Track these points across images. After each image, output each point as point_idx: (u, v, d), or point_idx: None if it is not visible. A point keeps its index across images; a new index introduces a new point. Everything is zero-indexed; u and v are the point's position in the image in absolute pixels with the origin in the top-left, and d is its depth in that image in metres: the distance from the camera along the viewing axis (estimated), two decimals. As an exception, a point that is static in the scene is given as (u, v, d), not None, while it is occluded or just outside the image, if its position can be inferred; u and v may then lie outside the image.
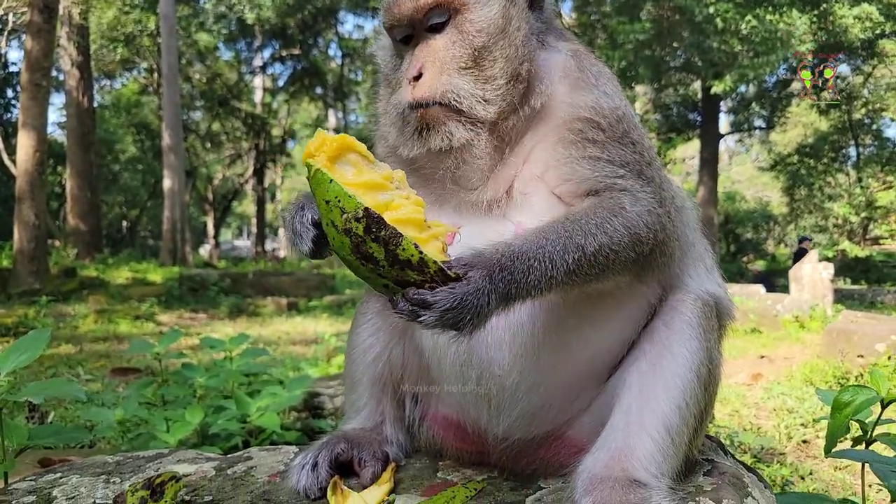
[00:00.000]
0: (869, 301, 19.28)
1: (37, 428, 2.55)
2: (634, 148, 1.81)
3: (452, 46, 1.81)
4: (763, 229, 40.59)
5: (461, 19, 1.82)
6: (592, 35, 25.37)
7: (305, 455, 1.90)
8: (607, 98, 1.84)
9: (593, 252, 1.59)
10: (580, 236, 1.59)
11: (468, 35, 1.81)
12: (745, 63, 20.79)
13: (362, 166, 1.51)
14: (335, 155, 1.48)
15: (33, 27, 15.69)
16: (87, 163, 24.53)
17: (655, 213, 1.72)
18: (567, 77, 1.88)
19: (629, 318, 1.83)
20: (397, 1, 1.86)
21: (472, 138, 1.80)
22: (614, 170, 1.76)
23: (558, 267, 1.54)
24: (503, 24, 1.83)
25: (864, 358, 7.80)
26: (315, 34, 36.79)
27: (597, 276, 1.63)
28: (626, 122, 1.83)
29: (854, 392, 2.14)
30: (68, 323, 12.43)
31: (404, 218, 1.42)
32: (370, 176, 1.49)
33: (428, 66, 1.80)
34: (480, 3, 1.83)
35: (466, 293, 1.40)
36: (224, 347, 4.65)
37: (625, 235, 1.64)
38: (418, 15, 1.83)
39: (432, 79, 1.79)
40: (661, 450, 1.64)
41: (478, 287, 1.42)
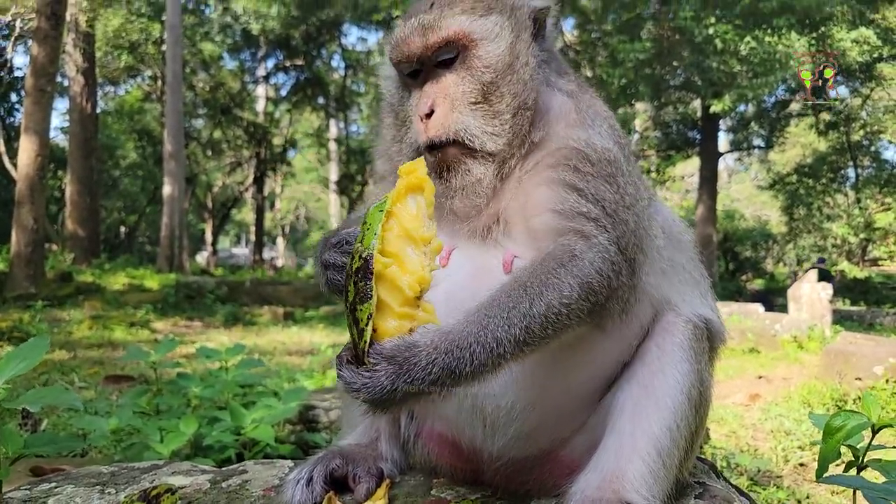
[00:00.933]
0: (868, 323, 19.29)
1: (32, 436, 2.54)
2: (616, 189, 1.78)
3: (462, 82, 1.85)
4: (762, 248, 40.63)
5: (469, 55, 1.86)
6: (593, 53, 25.59)
7: (300, 470, 1.91)
8: (601, 138, 1.86)
9: (542, 314, 1.56)
10: (525, 302, 1.56)
11: (477, 71, 1.85)
12: (744, 83, 20.97)
13: (420, 213, 1.58)
14: (413, 187, 1.59)
15: (40, 33, 15.80)
16: (88, 168, 24.58)
17: (610, 260, 1.67)
18: (564, 117, 1.92)
19: (622, 340, 1.84)
20: (406, 39, 1.89)
21: (485, 172, 1.85)
22: (582, 204, 1.73)
23: (504, 344, 1.53)
24: (511, 59, 1.87)
25: (862, 381, 7.80)
26: (319, 45, 37.02)
27: (552, 335, 1.61)
28: (615, 166, 1.82)
29: (845, 417, 2.14)
30: (63, 328, 12.41)
31: (397, 284, 1.49)
32: (415, 226, 1.56)
33: (439, 102, 1.85)
34: (488, 40, 1.86)
35: (364, 385, 1.47)
36: (220, 357, 4.65)
37: (574, 287, 1.60)
38: (427, 52, 1.87)
39: (444, 116, 1.84)
40: (651, 472, 1.66)
41: (378, 384, 1.46)
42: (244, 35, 34.94)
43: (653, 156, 32.11)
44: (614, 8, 24.84)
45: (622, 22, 24.39)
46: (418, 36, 1.86)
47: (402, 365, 1.47)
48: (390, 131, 2.07)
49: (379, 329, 1.48)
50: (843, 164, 31.47)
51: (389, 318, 1.49)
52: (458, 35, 1.84)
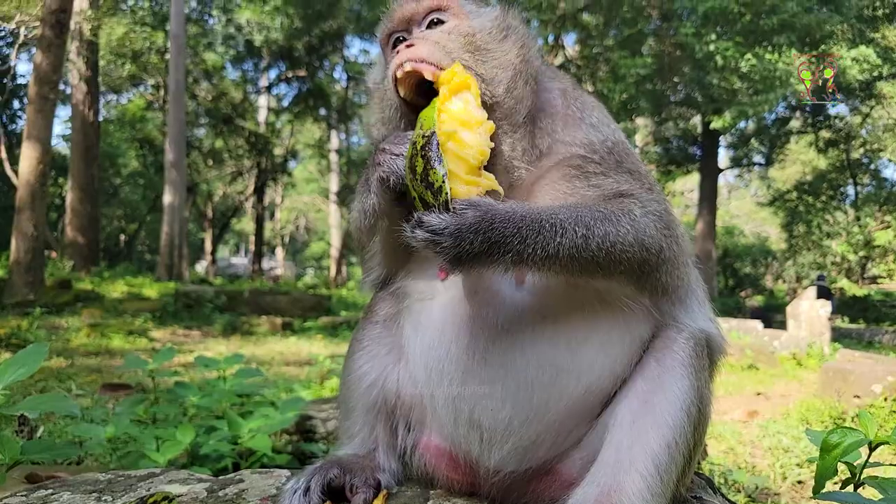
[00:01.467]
0: (867, 340, 19.24)
1: (28, 443, 2.53)
2: (631, 175, 1.87)
3: (448, 36, 1.88)
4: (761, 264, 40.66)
5: (459, 20, 1.93)
6: (595, 68, 25.73)
7: (298, 479, 1.91)
8: (595, 131, 1.92)
9: (600, 235, 1.63)
10: (589, 218, 1.64)
11: (465, 30, 1.89)
12: (745, 100, 21.09)
13: (469, 105, 1.70)
14: (456, 89, 1.71)
15: (44, 41, 15.89)
16: (89, 176, 24.63)
17: (661, 230, 1.75)
18: (557, 115, 1.95)
19: (621, 354, 1.84)
20: (399, 4, 1.97)
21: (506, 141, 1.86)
22: (623, 182, 1.83)
23: (567, 235, 1.59)
24: (504, 26, 1.93)
25: (860, 398, 7.79)
26: (321, 57, 37.23)
27: (602, 266, 1.66)
28: (618, 152, 1.90)
29: (842, 434, 2.14)
30: (61, 336, 12.37)
31: (461, 155, 1.61)
32: (466, 114, 1.67)
33: (419, 42, 1.85)
34: (480, 14, 1.96)
35: (454, 224, 1.52)
36: (218, 367, 4.64)
37: (629, 233, 1.67)
38: (418, 15, 1.93)
39: (426, 46, 1.83)
40: (649, 487, 1.65)
41: (468, 223, 1.52)
42: (247, 46, 35.14)
43: (653, 171, 32.19)
44: (616, 23, 25.03)
45: (623, 37, 24.57)
46: (412, 0, 1.95)
47: (487, 211, 1.54)
48: (376, 114, 2.07)
49: (451, 191, 1.56)
50: (843, 181, 31.60)
51: (458, 183, 1.59)
52: (452, 2, 1.94)
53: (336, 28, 33.90)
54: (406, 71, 1.78)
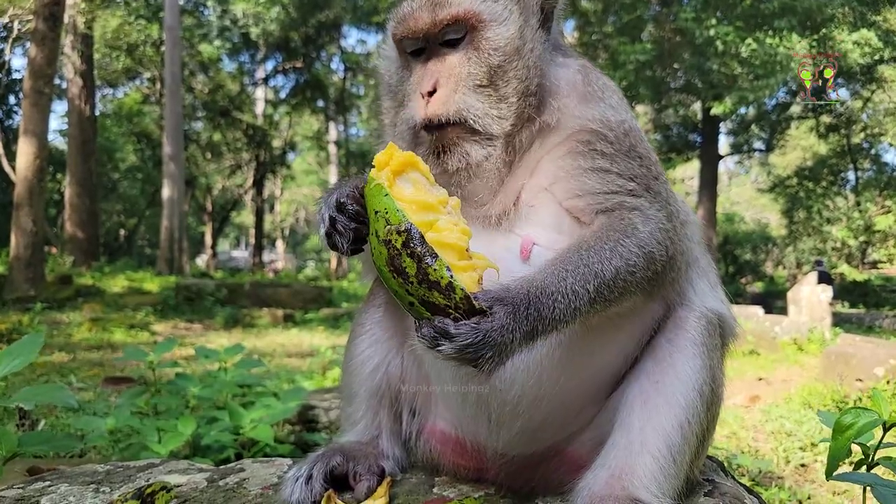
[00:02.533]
0: (867, 325, 19.25)
1: (28, 434, 2.51)
2: (642, 161, 1.82)
3: (468, 63, 1.80)
4: (762, 251, 40.63)
5: (478, 36, 1.81)
6: (594, 55, 25.56)
7: (300, 467, 1.87)
8: (613, 111, 1.85)
9: (611, 277, 1.59)
10: (597, 263, 1.58)
11: (484, 53, 1.80)
12: (745, 86, 20.94)
13: (421, 186, 1.54)
14: (399, 170, 1.53)
15: (38, 35, 15.78)
16: (87, 171, 24.55)
17: (665, 230, 1.72)
18: (574, 91, 1.89)
19: (632, 333, 1.81)
20: (414, 13, 1.84)
21: (487, 155, 1.80)
22: (624, 184, 1.76)
23: (581, 298, 1.54)
24: (519, 43, 1.83)
25: (862, 382, 7.77)
26: (318, 48, 37.02)
27: (616, 300, 1.63)
28: (633, 136, 1.84)
29: (856, 415, 2.10)
30: (62, 330, 12.37)
31: (447, 242, 1.43)
32: (425, 197, 1.52)
33: (443, 81, 1.79)
34: (498, 22, 1.82)
35: (490, 329, 1.38)
36: (218, 358, 4.61)
37: (639, 256, 1.64)
38: (435, 29, 1.82)
39: (447, 95, 1.78)
40: (662, 469, 1.61)
41: (503, 324, 1.39)
42: (243, 37, 34.92)
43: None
44: (615, 9, 24.85)
45: (623, 24, 24.39)
46: (427, 11, 1.81)
47: (514, 304, 1.44)
48: (389, 115, 2.01)
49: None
50: (844, 167, 31.51)
51: (458, 273, 1.40)
52: (468, 14, 1.80)
53: (333, 18, 33.69)
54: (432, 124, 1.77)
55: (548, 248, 1.74)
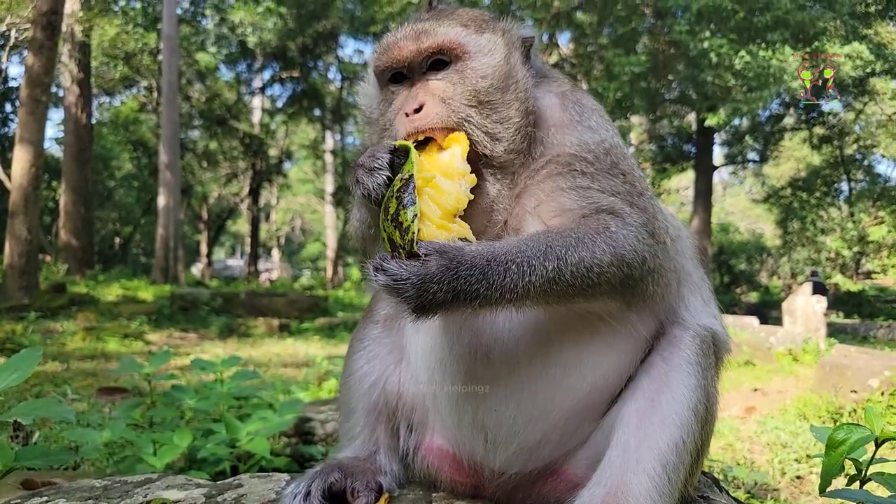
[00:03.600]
0: (861, 335, 19.32)
1: (23, 449, 2.50)
2: (625, 178, 1.82)
3: (454, 87, 1.82)
4: (756, 261, 40.76)
5: (463, 66, 1.84)
6: (589, 66, 25.74)
7: (298, 484, 1.87)
8: (591, 132, 1.87)
9: (574, 263, 1.59)
10: (560, 247, 1.60)
11: (471, 79, 1.82)
12: (739, 97, 21.10)
13: (456, 158, 1.72)
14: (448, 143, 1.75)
15: (35, 44, 15.80)
16: (83, 179, 24.50)
17: (644, 241, 1.70)
18: (553, 119, 1.91)
19: (626, 351, 1.82)
20: (398, 42, 1.85)
21: (500, 190, 1.82)
22: (603, 198, 1.76)
23: (537, 272, 1.55)
24: (507, 70, 1.86)
25: (857, 393, 7.79)
26: (315, 57, 37.11)
27: (580, 293, 1.62)
28: (615, 154, 1.85)
29: (848, 430, 2.12)
30: (56, 340, 12.30)
31: (437, 201, 1.60)
32: (451, 166, 1.69)
33: (428, 99, 1.80)
34: (482, 53, 1.85)
35: (415, 273, 1.46)
36: (214, 369, 4.60)
37: (606, 253, 1.63)
38: (419, 58, 1.83)
39: (434, 107, 1.78)
40: (657, 487, 1.63)
41: (429, 273, 1.47)
42: (240, 46, 35.01)
43: (648, 168, 32.26)
44: (610, 22, 25.04)
45: (618, 36, 24.57)
46: (411, 41, 1.84)
47: (452, 259, 1.49)
48: (376, 139, 2.01)
49: (421, 233, 1.54)
50: (837, 177, 31.70)
51: (430, 226, 1.57)
52: (453, 44, 1.82)
53: (330, 28, 33.81)
54: (419, 139, 1.77)
55: None
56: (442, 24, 1.86)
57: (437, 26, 1.84)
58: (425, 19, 1.90)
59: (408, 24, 1.91)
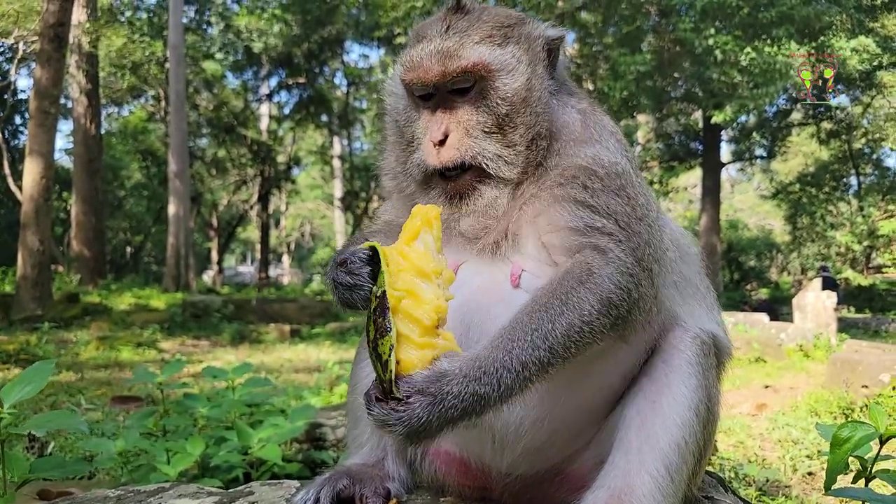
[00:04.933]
0: (873, 330, 19.17)
1: (38, 460, 2.55)
2: (627, 201, 1.81)
3: (477, 112, 1.87)
4: (766, 257, 40.55)
5: (487, 86, 1.87)
6: (594, 66, 25.72)
7: (308, 491, 1.90)
8: (608, 152, 1.89)
9: (564, 334, 1.60)
10: (547, 323, 1.59)
11: (493, 102, 1.86)
12: (745, 94, 21.01)
13: (429, 249, 1.63)
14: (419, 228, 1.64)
15: (43, 56, 15.99)
16: (93, 189, 24.73)
17: (628, 273, 1.70)
18: (573, 135, 1.94)
19: (628, 355, 1.85)
20: (423, 63, 1.87)
21: (497, 195, 1.88)
22: (596, 220, 1.76)
23: (530, 367, 1.56)
24: (526, 93, 1.88)
25: (868, 388, 7.74)
26: (321, 63, 37.30)
27: (576, 353, 1.64)
28: (624, 178, 1.85)
29: (853, 428, 2.13)
30: (70, 350, 12.42)
31: (413, 315, 1.52)
32: (424, 263, 1.60)
33: (452, 128, 1.86)
34: (506, 71, 1.87)
35: (400, 420, 1.47)
36: (226, 377, 4.65)
37: (594, 305, 1.64)
38: (445, 80, 1.86)
39: (458, 141, 1.85)
40: (660, 488, 1.65)
41: (414, 416, 1.47)
42: (246, 53, 35.22)
43: (655, 167, 32.18)
44: (614, 21, 25.01)
45: (622, 35, 24.53)
46: (437, 63, 1.85)
47: (436, 395, 1.48)
48: (395, 150, 2.07)
49: (402, 361, 1.50)
50: (846, 172, 31.50)
51: (411, 349, 1.51)
52: (478, 65, 1.85)
53: (335, 33, 33.95)
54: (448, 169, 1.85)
55: (536, 275, 1.80)
56: (465, 42, 1.86)
57: (461, 47, 1.85)
58: (452, 31, 1.89)
59: (433, 32, 1.91)
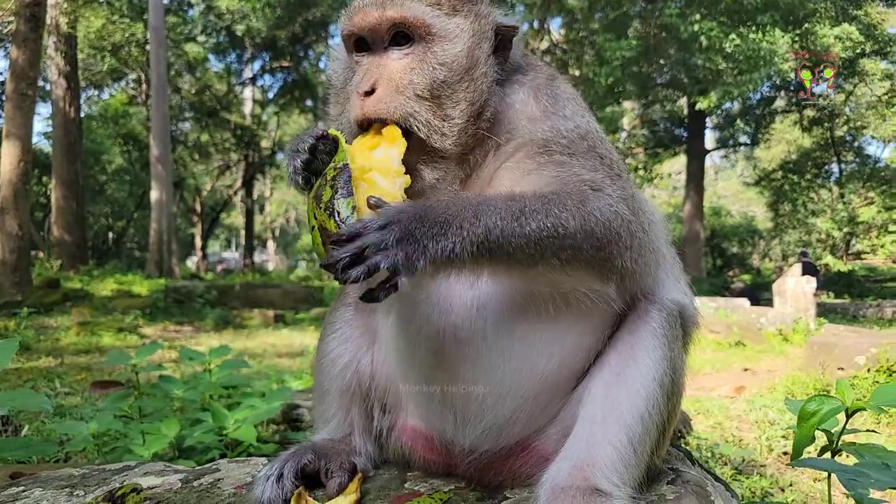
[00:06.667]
0: (851, 315, 19.48)
1: (4, 441, 2.51)
2: (602, 161, 1.81)
3: (411, 72, 1.77)
4: (748, 244, 40.98)
5: (425, 48, 1.78)
6: (580, 52, 25.67)
7: (271, 466, 1.89)
8: (565, 120, 1.84)
9: (540, 221, 1.53)
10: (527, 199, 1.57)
11: (429, 65, 1.77)
12: (730, 80, 21.11)
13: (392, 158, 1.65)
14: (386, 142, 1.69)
15: (19, 36, 15.68)
16: (73, 173, 24.36)
17: (622, 216, 1.66)
18: (525, 113, 1.88)
19: (594, 327, 1.83)
20: (363, 8, 1.82)
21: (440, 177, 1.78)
22: (585, 172, 1.74)
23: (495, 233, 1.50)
24: (467, 63, 1.79)
25: (844, 370, 7.87)
26: (305, 47, 36.88)
27: (552, 256, 1.57)
28: (590, 139, 1.83)
29: (819, 402, 2.16)
30: (50, 335, 12.29)
31: (380, 186, 1.56)
32: (387, 164, 1.63)
33: (382, 83, 1.75)
34: (447, 39, 1.79)
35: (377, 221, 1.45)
36: (203, 360, 4.62)
37: (574, 218, 1.57)
38: (381, 27, 1.79)
39: (386, 95, 1.74)
40: (622, 459, 1.65)
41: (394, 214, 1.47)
42: (229, 36, 34.71)
43: (640, 153, 32.28)
44: (601, 6, 24.94)
45: (609, 20, 24.49)
46: (376, 8, 1.79)
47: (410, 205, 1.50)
48: (334, 111, 1.99)
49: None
50: (827, 159, 31.81)
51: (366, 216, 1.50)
52: (418, 21, 1.77)
53: (320, 16, 33.53)
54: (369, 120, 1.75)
55: None
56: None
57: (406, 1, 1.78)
58: None
59: None
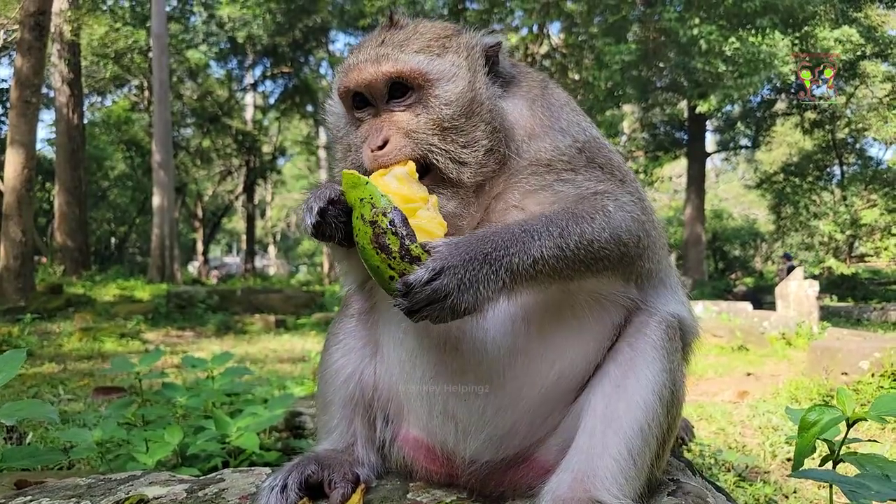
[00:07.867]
0: (855, 318, 19.41)
1: (11, 450, 2.53)
2: (604, 170, 1.86)
3: (418, 118, 1.80)
4: (750, 247, 40.96)
5: (426, 95, 1.81)
6: (580, 56, 25.71)
7: (275, 477, 1.90)
8: (562, 135, 1.88)
9: (577, 234, 1.64)
10: (562, 219, 1.65)
11: (434, 109, 1.80)
12: (730, 83, 21.13)
13: (405, 182, 1.70)
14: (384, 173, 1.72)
15: (24, 45, 15.74)
16: (76, 179, 24.44)
17: (639, 220, 1.77)
18: (525, 129, 1.90)
19: (595, 339, 1.85)
20: (358, 65, 1.84)
21: (458, 206, 1.81)
22: (594, 184, 1.81)
23: (545, 239, 1.60)
24: (471, 95, 1.83)
25: (847, 375, 7.84)
26: (306, 53, 36.99)
27: (585, 266, 1.68)
28: (589, 150, 1.87)
29: (820, 412, 2.17)
30: (53, 341, 12.30)
31: (425, 228, 1.62)
32: (409, 191, 1.68)
33: (393, 135, 1.78)
34: (446, 80, 1.81)
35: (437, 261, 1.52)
36: (206, 366, 4.63)
37: (605, 230, 1.68)
38: (380, 81, 1.81)
39: (400, 142, 1.77)
40: (623, 471, 1.66)
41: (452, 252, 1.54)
42: (230, 43, 34.83)
43: (641, 157, 32.29)
44: (600, 10, 24.99)
45: (608, 24, 24.53)
46: (371, 65, 1.81)
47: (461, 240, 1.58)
48: (339, 154, 2.02)
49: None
50: (829, 162, 31.79)
51: None
52: (414, 73, 1.79)
53: (320, 23, 33.64)
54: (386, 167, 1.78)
55: None
56: (403, 49, 1.82)
57: (398, 54, 1.81)
58: (387, 42, 1.85)
59: (369, 45, 1.88)
